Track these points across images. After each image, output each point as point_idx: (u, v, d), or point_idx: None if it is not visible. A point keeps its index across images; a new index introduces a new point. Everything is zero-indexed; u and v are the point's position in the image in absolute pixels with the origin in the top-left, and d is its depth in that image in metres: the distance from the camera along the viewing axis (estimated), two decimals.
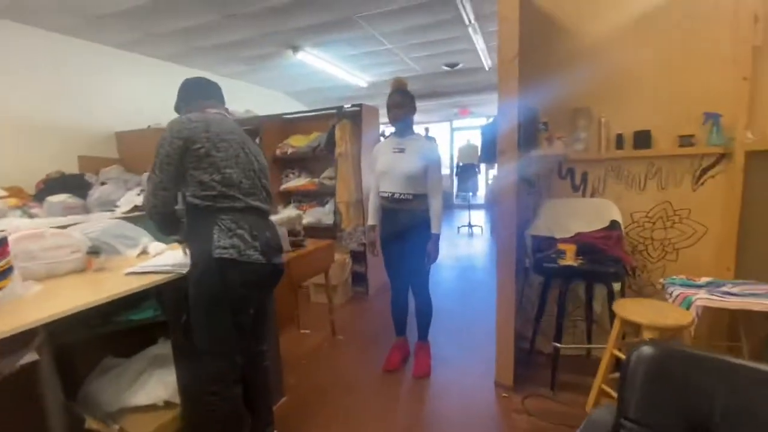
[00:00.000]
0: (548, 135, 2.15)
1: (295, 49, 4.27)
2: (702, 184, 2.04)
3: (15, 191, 3.57)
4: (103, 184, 4.13)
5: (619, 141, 2.12)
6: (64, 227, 2.89)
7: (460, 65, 5.94)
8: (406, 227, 2.11)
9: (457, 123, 10.01)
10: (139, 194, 4.05)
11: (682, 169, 2.06)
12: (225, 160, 1.33)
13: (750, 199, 1.92)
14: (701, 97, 1.96)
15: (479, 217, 7.87)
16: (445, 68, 6.09)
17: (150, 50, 4.43)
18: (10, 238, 1.43)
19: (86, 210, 3.77)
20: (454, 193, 8.76)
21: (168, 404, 1.53)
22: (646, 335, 1.56)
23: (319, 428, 1.84)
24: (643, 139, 2.07)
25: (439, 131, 9.83)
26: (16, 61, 3.45)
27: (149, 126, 4.34)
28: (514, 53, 1.83)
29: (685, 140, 1.99)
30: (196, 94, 1.48)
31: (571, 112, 2.17)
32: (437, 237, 2.12)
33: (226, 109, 1.54)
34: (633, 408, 0.86)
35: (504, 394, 2.02)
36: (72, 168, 4.18)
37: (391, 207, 2.13)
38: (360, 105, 3.42)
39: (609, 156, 2.14)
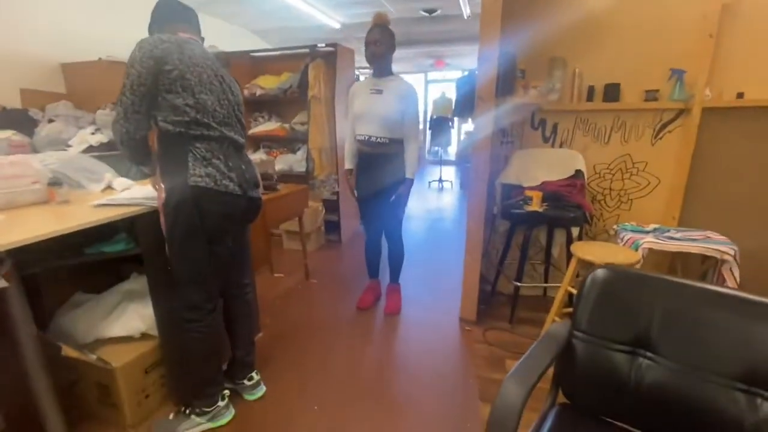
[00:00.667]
0: (524, 83, 2.18)
1: None
2: (660, 138, 2.17)
3: None
4: (51, 121, 3.79)
5: (591, 93, 2.19)
6: None
7: (438, 11, 5.72)
8: (382, 172, 2.12)
9: (432, 75, 9.79)
10: (93, 133, 3.76)
11: (645, 123, 2.17)
12: (199, 85, 1.26)
13: (699, 154, 2.08)
14: (670, 52, 2.03)
15: (450, 173, 7.98)
16: (423, 13, 5.84)
17: None
18: None
19: (34, 149, 3.48)
20: (427, 148, 8.76)
21: (145, 336, 1.55)
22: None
23: (295, 358, 1.94)
24: (612, 91, 2.15)
25: (413, 82, 9.58)
26: None
27: (100, 58, 3.94)
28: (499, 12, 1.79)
29: (650, 95, 2.09)
30: (170, 16, 1.37)
31: (548, 61, 2.20)
32: (411, 182, 2.15)
33: (202, 38, 1.44)
34: (585, 322, 0.98)
35: (467, 328, 2.19)
36: (14, 102, 3.79)
37: (367, 151, 2.12)
38: (335, 45, 3.27)
39: (579, 108, 2.21)
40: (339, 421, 1.55)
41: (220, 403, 1.52)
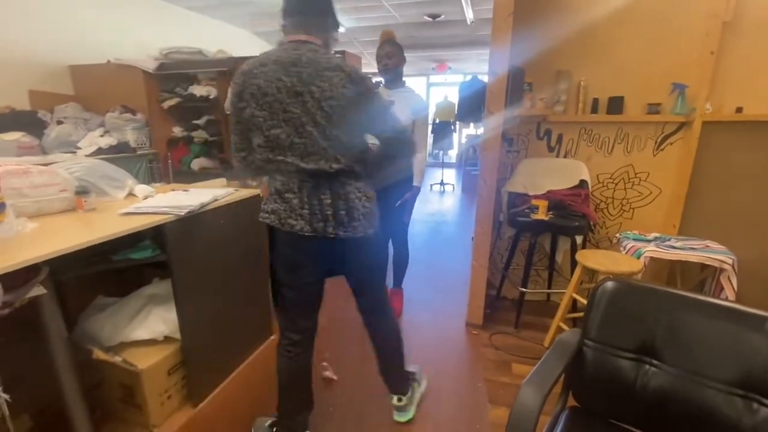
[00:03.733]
0: (531, 95, 2.25)
1: None
2: (662, 149, 2.24)
3: None
4: (59, 123, 3.84)
5: (595, 105, 2.26)
6: None
7: (442, 16, 5.79)
8: (389, 180, 2.19)
9: (434, 78, 9.86)
10: (102, 135, 3.82)
11: (647, 134, 2.25)
12: (270, 119, 1.15)
13: (700, 165, 2.16)
14: (672, 67, 2.11)
15: (451, 176, 8.06)
16: (427, 18, 5.92)
17: None
18: None
19: (43, 151, 3.53)
20: (428, 151, 8.83)
21: (168, 339, 1.60)
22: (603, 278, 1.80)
23: None
24: (616, 104, 2.22)
25: (415, 85, 9.66)
26: None
27: (109, 60, 3.98)
28: (509, 11, 1.86)
29: (653, 108, 2.16)
30: (288, 9, 1.19)
31: (554, 74, 2.26)
32: (417, 190, 2.22)
33: (308, 35, 1.18)
34: (595, 331, 1.05)
35: (474, 332, 2.26)
36: (23, 104, 3.83)
37: None
38: (343, 52, 3.32)
39: (584, 119, 2.28)
40: (351, 423, 1.61)
41: None
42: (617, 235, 2.22)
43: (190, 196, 1.75)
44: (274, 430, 1.59)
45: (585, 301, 1.95)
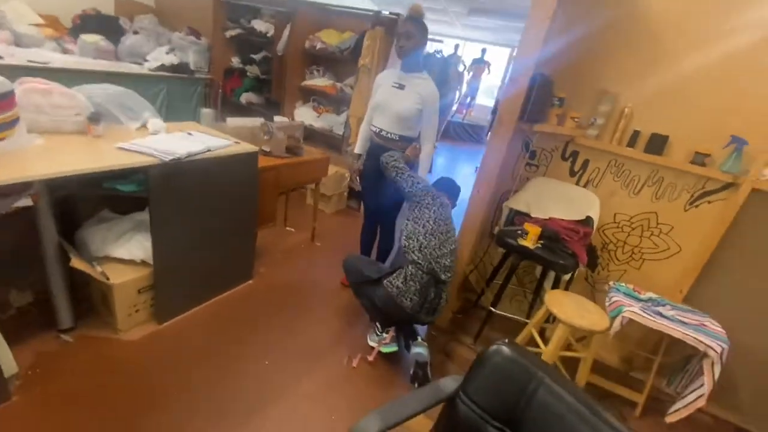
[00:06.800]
0: (561, 111, 2.03)
1: None
2: (696, 206, 1.96)
3: (51, 21, 3.64)
4: (135, 33, 4.14)
5: (634, 138, 1.99)
6: (94, 72, 3.02)
7: None
8: None
9: None
10: (168, 53, 4.07)
11: (684, 185, 1.97)
12: (425, 230, 1.82)
13: (733, 235, 1.87)
14: (736, 118, 1.77)
15: None
16: None
17: None
18: (21, 88, 1.58)
19: (117, 57, 3.86)
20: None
21: (143, 263, 1.82)
22: (560, 327, 1.71)
23: (270, 313, 2.17)
24: (657, 143, 1.94)
25: (496, 56, 8.96)
26: None
27: None
28: (549, 13, 1.64)
29: (699, 158, 1.86)
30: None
31: (596, 93, 2.01)
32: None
33: None
34: (473, 388, 1.04)
35: (433, 332, 2.29)
36: (108, 8, 4.15)
37: (378, 142, 2.15)
38: (398, 15, 3.16)
39: (617, 151, 2.04)
40: (278, 377, 1.77)
41: None
42: (611, 283, 2.05)
43: (189, 142, 1.88)
44: None
45: (540, 341, 1.88)
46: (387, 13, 3.22)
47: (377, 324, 2.03)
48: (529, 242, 1.96)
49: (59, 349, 1.67)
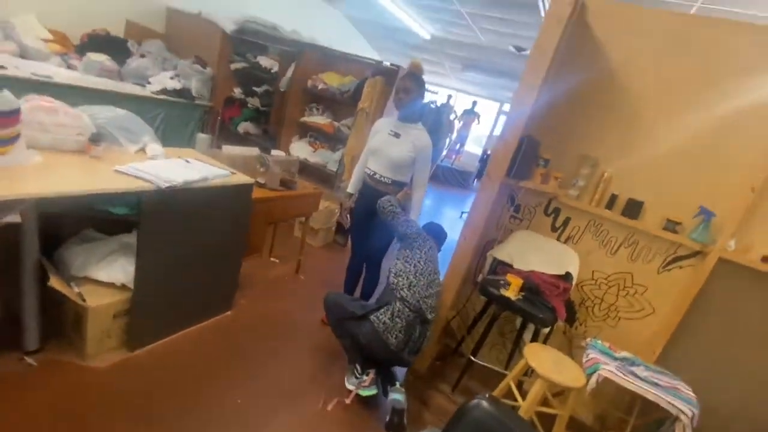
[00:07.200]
0: (546, 171, 2.15)
1: None
2: (668, 270, 2.06)
3: (60, 37, 3.72)
4: (142, 56, 4.25)
5: (612, 201, 2.12)
6: (95, 90, 3.05)
7: (527, 51, 5.63)
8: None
9: (507, 107, 9.61)
10: (172, 78, 4.17)
11: (657, 249, 2.07)
12: (415, 269, 1.92)
13: (703, 301, 1.96)
14: (706, 189, 1.92)
15: None
16: (512, 50, 5.77)
17: None
18: (27, 105, 1.60)
19: (120, 77, 3.93)
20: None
21: (123, 287, 1.78)
22: (538, 382, 1.72)
23: (246, 347, 2.12)
24: (634, 208, 2.06)
25: (485, 108, 9.47)
26: None
27: (200, 12, 4.31)
28: (539, 80, 1.79)
29: (670, 225, 1.99)
30: None
31: (578, 157, 2.15)
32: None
33: None
34: None
35: (411, 377, 2.26)
36: (118, 31, 4.28)
37: (371, 184, 2.22)
38: (398, 67, 3.36)
39: (596, 212, 2.15)
40: (250, 416, 1.71)
41: None
42: (588, 339, 2.09)
43: (186, 170, 1.91)
44: None
45: (518, 394, 1.88)
46: (388, 63, 3.42)
47: (357, 366, 2.00)
48: (511, 293, 2.01)
49: (22, 371, 1.59)
